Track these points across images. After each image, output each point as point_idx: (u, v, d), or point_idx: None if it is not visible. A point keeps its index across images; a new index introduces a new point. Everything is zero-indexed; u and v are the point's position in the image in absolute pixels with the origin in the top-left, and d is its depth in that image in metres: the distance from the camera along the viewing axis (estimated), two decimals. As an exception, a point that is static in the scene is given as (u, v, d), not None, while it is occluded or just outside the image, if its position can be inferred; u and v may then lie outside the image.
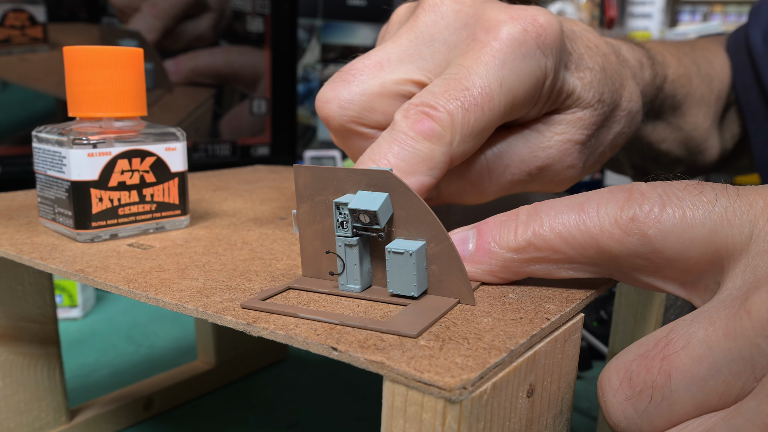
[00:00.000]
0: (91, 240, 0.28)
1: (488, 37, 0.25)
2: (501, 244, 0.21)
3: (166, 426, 0.43)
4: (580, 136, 0.29)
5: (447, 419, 0.15)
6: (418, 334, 0.18)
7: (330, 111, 0.27)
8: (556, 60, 0.26)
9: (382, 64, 0.27)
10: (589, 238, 0.20)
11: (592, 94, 0.29)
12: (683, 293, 0.20)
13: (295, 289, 0.22)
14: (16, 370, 0.36)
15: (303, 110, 1.84)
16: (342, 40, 1.86)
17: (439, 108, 0.24)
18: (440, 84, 0.25)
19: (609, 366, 0.19)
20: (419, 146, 0.24)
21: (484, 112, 0.24)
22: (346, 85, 0.27)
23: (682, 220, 0.19)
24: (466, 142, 0.24)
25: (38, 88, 0.58)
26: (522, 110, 0.27)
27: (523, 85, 0.25)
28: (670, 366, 0.17)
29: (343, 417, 0.44)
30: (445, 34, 0.27)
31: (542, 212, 0.21)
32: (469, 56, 0.25)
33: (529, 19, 0.25)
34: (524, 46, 0.25)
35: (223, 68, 0.76)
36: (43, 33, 0.58)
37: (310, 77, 1.84)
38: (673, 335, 0.18)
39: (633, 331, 0.32)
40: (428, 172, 0.24)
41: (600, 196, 0.20)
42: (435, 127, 0.24)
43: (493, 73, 0.24)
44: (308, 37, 1.82)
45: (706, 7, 3.69)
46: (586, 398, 0.47)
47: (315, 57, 1.84)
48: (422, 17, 0.27)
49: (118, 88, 0.29)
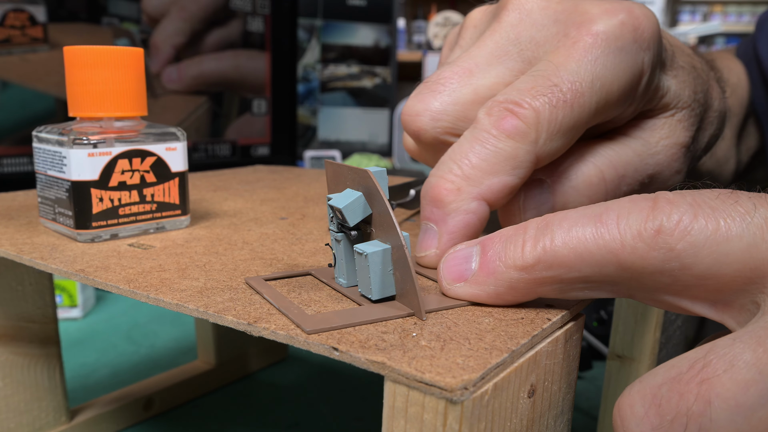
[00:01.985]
0: (91, 240, 0.28)
1: (581, 32, 0.24)
2: (507, 262, 0.19)
3: (166, 426, 0.43)
4: (684, 138, 0.27)
5: (448, 420, 0.15)
6: (309, 332, 0.18)
7: (422, 124, 0.25)
8: (654, 55, 0.25)
9: (471, 70, 0.25)
10: (608, 254, 0.17)
11: (688, 93, 0.27)
12: (713, 314, 0.18)
13: (313, 276, 0.23)
14: (16, 370, 0.36)
15: (303, 110, 1.84)
16: (342, 40, 1.86)
17: (524, 105, 0.22)
18: (527, 80, 0.23)
19: (630, 390, 0.17)
20: (502, 145, 0.22)
21: (574, 109, 0.23)
22: (436, 95, 0.25)
23: (715, 233, 0.16)
24: (554, 141, 0.23)
25: (38, 88, 0.58)
26: (616, 109, 0.25)
27: (618, 82, 0.24)
28: (709, 392, 0.15)
29: (343, 417, 0.44)
30: (532, 31, 0.25)
31: (554, 225, 0.19)
32: (560, 52, 0.24)
33: (626, 11, 0.24)
34: (621, 40, 0.23)
35: (231, 73, 0.75)
36: (43, 33, 0.58)
37: (310, 77, 1.84)
38: (712, 356, 0.16)
39: (633, 331, 0.32)
40: (512, 171, 0.22)
41: (620, 205, 0.18)
42: (519, 124, 0.22)
43: (585, 70, 0.23)
44: (308, 37, 1.82)
45: (706, 7, 3.69)
46: (586, 398, 0.47)
47: (315, 57, 1.84)
48: (506, 17, 0.26)
49: (119, 88, 0.29)
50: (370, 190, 0.20)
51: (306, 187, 0.44)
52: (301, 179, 0.48)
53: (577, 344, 0.21)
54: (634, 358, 0.32)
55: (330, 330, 0.18)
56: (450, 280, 0.20)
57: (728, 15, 3.64)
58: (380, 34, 1.88)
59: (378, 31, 1.87)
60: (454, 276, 0.20)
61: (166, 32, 0.67)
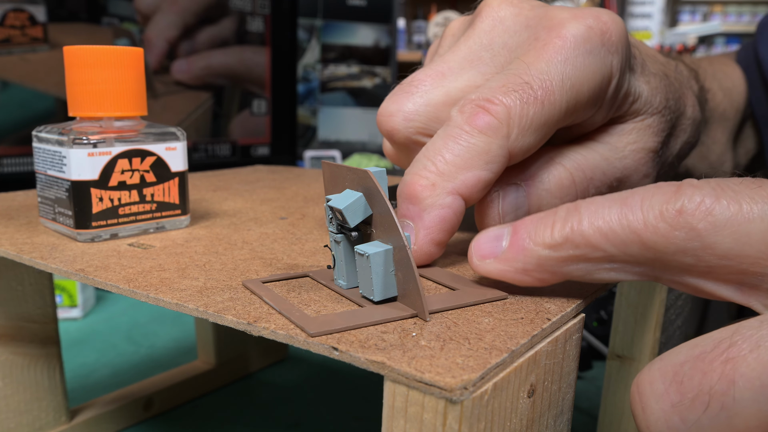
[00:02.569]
0: (91, 240, 0.28)
1: (550, 35, 0.24)
2: (536, 240, 0.20)
3: (166, 426, 0.43)
4: (652, 144, 0.28)
5: (448, 419, 0.15)
6: (313, 335, 0.18)
7: (395, 124, 0.26)
8: (622, 59, 0.25)
9: (443, 73, 0.26)
10: (631, 234, 0.18)
11: (659, 99, 0.28)
12: (739, 297, 0.18)
13: (310, 278, 0.23)
14: (16, 370, 0.36)
15: (303, 110, 1.84)
16: (342, 40, 1.86)
17: (495, 101, 0.23)
18: (498, 79, 0.24)
19: (651, 367, 0.17)
20: (474, 140, 0.23)
21: (544, 106, 0.23)
22: (409, 97, 0.26)
23: (737, 214, 0.17)
24: (525, 137, 0.23)
25: (38, 88, 0.58)
26: (586, 111, 0.26)
27: (588, 83, 0.24)
28: (734, 371, 0.15)
29: (343, 417, 0.44)
30: (505, 37, 0.26)
31: (582, 208, 0.19)
32: (531, 54, 0.24)
33: (593, 16, 0.25)
34: (589, 43, 0.24)
35: (237, 67, 0.76)
36: (43, 33, 0.58)
37: (310, 77, 1.84)
38: (738, 337, 0.16)
39: (633, 331, 0.32)
40: (485, 166, 0.23)
41: (645, 190, 0.19)
42: (491, 120, 0.23)
43: (555, 69, 0.24)
44: (308, 37, 1.82)
45: (706, 7, 3.69)
46: (586, 398, 0.47)
47: (315, 57, 1.84)
48: (479, 24, 0.26)
49: (118, 88, 0.29)
50: (371, 191, 0.20)
51: (306, 187, 0.44)
52: (301, 179, 0.48)
53: (577, 344, 0.21)
54: (634, 358, 0.32)
55: (333, 332, 0.18)
56: (480, 257, 0.21)
57: (728, 15, 3.64)
58: (380, 34, 1.88)
59: (378, 31, 1.87)
60: (485, 252, 0.21)
61: (158, 26, 0.68)
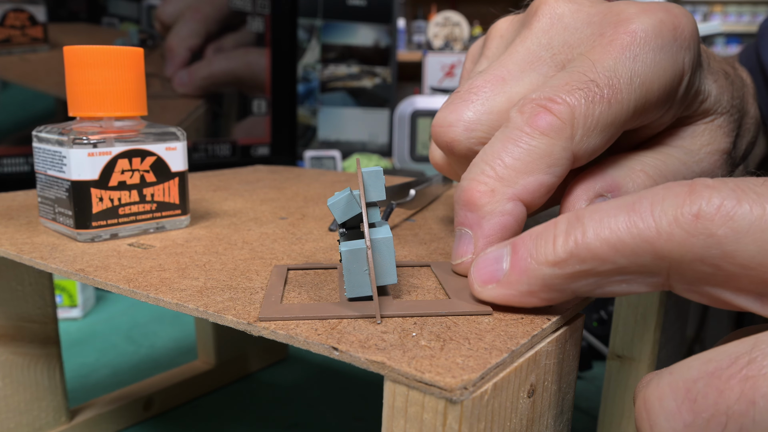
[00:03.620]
0: (91, 240, 0.28)
1: (618, 31, 0.23)
2: (539, 258, 0.18)
3: (166, 426, 0.43)
4: (725, 145, 0.26)
5: (448, 419, 0.15)
6: (261, 319, 0.19)
7: (455, 135, 0.24)
8: (694, 56, 0.24)
9: (503, 77, 0.25)
10: (642, 242, 0.17)
11: (727, 98, 0.26)
12: (759, 308, 0.17)
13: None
14: (16, 370, 0.36)
15: (303, 110, 1.84)
16: (342, 40, 1.86)
17: (558, 100, 0.21)
18: (561, 77, 0.22)
19: (660, 382, 0.16)
20: (535, 142, 0.21)
21: (611, 105, 0.22)
22: (469, 105, 0.24)
23: (761, 219, 0.15)
24: (591, 137, 0.22)
25: (38, 88, 0.58)
26: (656, 110, 0.24)
27: (659, 81, 0.23)
28: (754, 391, 0.14)
29: (343, 417, 0.44)
30: (565, 35, 0.24)
31: (585, 218, 0.18)
32: (596, 50, 0.23)
33: (663, 10, 0.23)
34: (660, 38, 0.22)
35: (242, 72, 0.74)
36: (43, 33, 0.58)
37: (310, 77, 1.84)
38: (758, 353, 0.14)
39: (633, 331, 0.32)
40: (547, 170, 0.21)
41: (654, 193, 0.17)
42: (553, 120, 0.21)
43: (624, 66, 0.22)
44: (308, 37, 1.82)
45: (706, 7, 3.69)
46: (586, 398, 0.47)
47: (315, 57, 1.84)
48: (536, 23, 0.25)
49: (118, 88, 0.29)
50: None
51: (306, 187, 0.44)
52: (301, 179, 0.48)
53: (577, 344, 0.21)
54: (634, 358, 0.32)
55: (281, 320, 0.19)
56: (481, 283, 0.20)
57: (728, 15, 3.64)
58: (380, 34, 1.88)
59: (378, 31, 1.87)
60: (486, 278, 0.20)
61: (180, 35, 0.67)
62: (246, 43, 0.73)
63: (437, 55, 2.41)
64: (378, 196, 0.21)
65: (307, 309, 0.20)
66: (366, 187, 0.21)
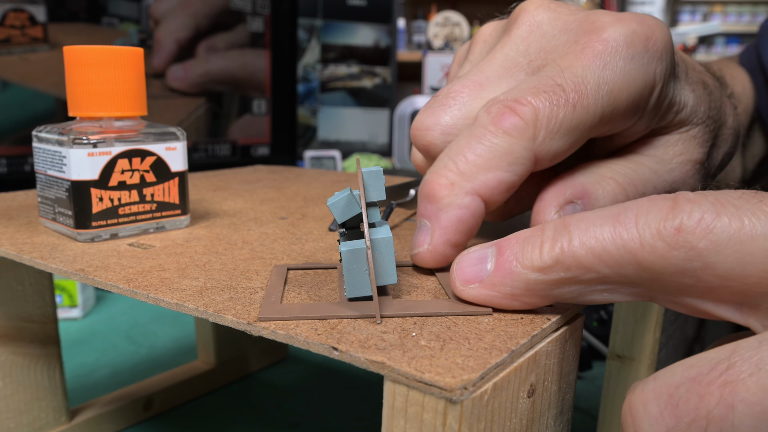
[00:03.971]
0: (91, 240, 0.28)
1: (591, 39, 0.23)
2: (524, 263, 0.18)
3: (166, 426, 0.43)
4: (698, 155, 0.27)
5: (448, 419, 0.15)
6: (261, 319, 0.19)
7: (432, 138, 0.25)
8: (667, 67, 0.24)
9: (481, 83, 0.25)
10: (626, 254, 0.17)
11: (703, 109, 0.27)
12: (738, 317, 0.17)
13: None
14: (16, 370, 0.36)
15: (303, 110, 1.84)
16: (342, 40, 1.86)
17: (523, 102, 0.22)
18: (530, 81, 0.23)
19: (644, 388, 0.16)
20: (498, 140, 0.22)
21: (576, 109, 0.22)
22: (446, 109, 0.25)
23: (739, 231, 0.16)
24: (553, 140, 0.22)
25: (38, 88, 0.58)
26: (625, 120, 0.24)
27: (628, 90, 0.23)
28: (733, 396, 0.14)
29: (343, 417, 0.44)
30: (542, 42, 0.25)
31: (571, 226, 0.18)
32: (568, 57, 0.23)
33: (637, 20, 0.23)
34: (632, 48, 0.23)
35: (238, 72, 0.73)
36: (43, 33, 0.58)
37: (310, 77, 1.84)
38: (737, 358, 0.15)
39: (633, 331, 0.32)
40: (507, 168, 0.22)
41: (638, 205, 0.17)
42: (517, 121, 0.22)
43: (592, 73, 0.23)
44: (308, 37, 1.82)
45: (706, 7, 3.69)
46: (586, 398, 0.47)
47: (315, 57, 1.84)
48: (516, 30, 0.25)
49: (118, 88, 0.29)
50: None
51: (306, 187, 0.44)
52: (301, 179, 0.48)
53: (577, 344, 0.21)
54: (634, 358, 0.32)
55: (281, 320, 0.19)
56: (463, 281, 0.20)
57: (728, 15, 3.64)
58: (380, 34, 1.88)
59: (378, 31, 1.87)
60: (468, 277, 0.20)
61: (169, 27, 0.67)
62: (241, 43, 0.73)
63: (437, 55, 2.41)
64: (378, 196, 0.21)
65: (307, 309, 0.20)
66: (366, 187, 0.21)
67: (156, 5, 0.65)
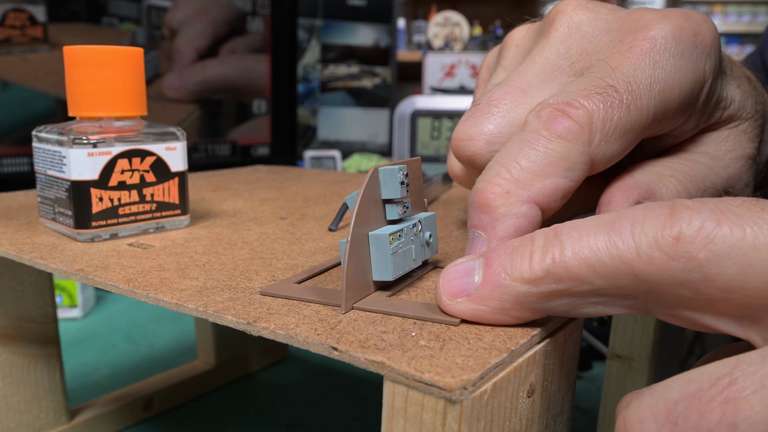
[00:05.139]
0: (91, 240, 0.28)
1: (637, 37, 0.22)
2: (513, 275, 0.17)
3: (166, 426, 0.43)
4: (750, 150, 0.26)
5: (447, 419, 0.15)
6: (261, 293, 0.21)
7: (476, 148, 0.24)
8: (715, 62, 0.23)
9: (523, 89, 0.24)
10: (621, 264, 0.16)
11: (751, 103, 0.26)
12: (739, 330, 0.16)
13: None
14: (16, 370, 0.36)
15: (303, 110, 1.84)
16: (342, 40, 1.86)
17: (576, 104, 0.21)
18: (579, 82, 0.22)
19: (640, 404, 0.15)
20: (552, 146, 0.21)
21: (630, 111, 0.22)
22: (489, 117, 0.24)
23: (741, 241, 0.15)
24: (609, 143, 0.22)
25: (38, 88, 0.58)
26: (676, 118, 0.23)
27: (679, 87, 0.22)
28: (736, 414, 0.14)
29: (343, 417, 0.44)
30: (583, 43, 0.24)
31: (563, 235, 0.17)
32: (615, 57, 0.22)
33: (683, 16, 0.23)
34: (680, 45, 0.22)
35: (237, 78, 0.72)
36: (43, 33, 0.58)
37: (310, 77, 1.84)
38: (739, 374, 0.14)
39: (633, 331, 0.32)
40: (564, 173, 0.21)
41: (634, 213, 0.17)
42: (571, 124, 0.21)
43: (643, 72, 0.22)
44: (308, 37, 1.82)
45: (706, 7, 3.69)
46: (586, 398, 0.47)
47: (315, 57, 1.84)
48: (554, 33, 0.25)
49: (118, 88, 0.29)
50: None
51: (306, 187, 0.44)
52: (301, 179, 0.48)
53: (577, 344, 0.21)
54: (634, 358, 0.32)
55: (275, 296, 0.21)
56: (450, 295, 0.19)
57: (728, 15, 3.64)
58: (380, 34, 1.88)
59: (378, 31, 1.87)
60: (455, 290, 0.19)
61: (187, 37, 0.66)
62: (255, 45, 0.72)
63: (437, 55, 2.41)
64: (392, 194, 0.21)
65: (300, 291, 0.21)
66: (382, 186, 0.21)
67: (171, 14, 0.65)
